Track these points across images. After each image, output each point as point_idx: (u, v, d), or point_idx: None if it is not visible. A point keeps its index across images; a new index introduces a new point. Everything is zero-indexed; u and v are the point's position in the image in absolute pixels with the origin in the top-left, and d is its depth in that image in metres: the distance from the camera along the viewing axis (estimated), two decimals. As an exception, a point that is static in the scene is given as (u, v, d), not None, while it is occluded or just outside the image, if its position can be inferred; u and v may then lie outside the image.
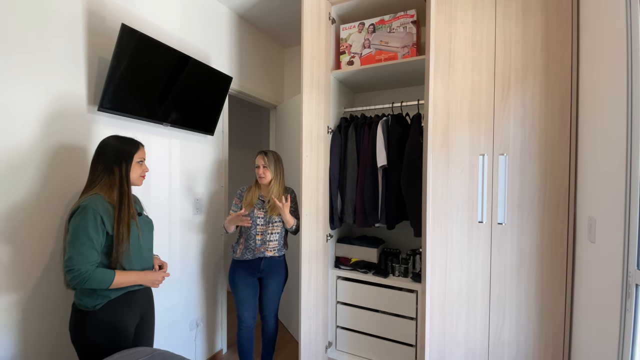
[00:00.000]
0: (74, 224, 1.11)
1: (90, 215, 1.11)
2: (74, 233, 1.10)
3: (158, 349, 1.18)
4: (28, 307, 1.28)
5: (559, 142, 1.56)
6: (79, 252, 1.08)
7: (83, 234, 1.09)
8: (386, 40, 2.03)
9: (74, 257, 1.08)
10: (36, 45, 1.29)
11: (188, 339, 2.06)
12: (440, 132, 1.80)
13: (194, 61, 1.81)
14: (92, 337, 1.16)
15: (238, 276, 1.88)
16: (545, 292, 1.59)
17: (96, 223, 1.11)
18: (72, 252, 1.09)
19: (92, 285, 1.10)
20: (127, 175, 1.23)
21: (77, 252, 1.08)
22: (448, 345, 1.79)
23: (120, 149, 1.23)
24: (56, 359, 1.37)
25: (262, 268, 1.89)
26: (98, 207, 1.13)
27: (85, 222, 1.10)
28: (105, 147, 1.23)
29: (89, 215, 1.11)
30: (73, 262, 1.08)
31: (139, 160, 1.28)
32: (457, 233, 1.76)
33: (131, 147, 1.26)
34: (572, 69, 1.53)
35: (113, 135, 1.28)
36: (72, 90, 1.42)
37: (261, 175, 1.88)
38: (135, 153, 1.26)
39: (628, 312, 1.06)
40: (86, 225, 1.10)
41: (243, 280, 1.87)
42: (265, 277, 1.91)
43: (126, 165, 1.23)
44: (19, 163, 1.25)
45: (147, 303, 1.35)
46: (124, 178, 1.21)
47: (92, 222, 1.11)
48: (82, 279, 1.08)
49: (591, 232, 1.33)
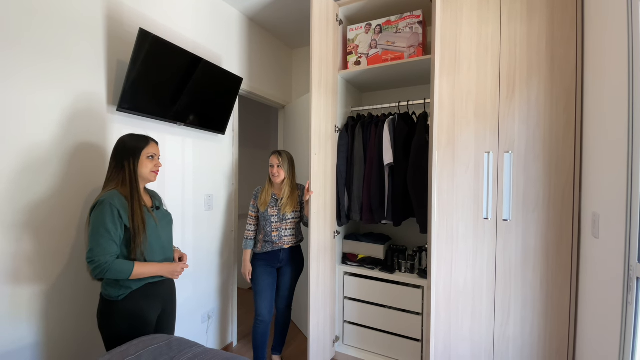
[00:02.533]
0: (94, 218, 1.18)
1: (107, 209, 1.17)
2: (94, 226, 1.17)
3: (175, 336, 1.24)
4: (51, 297, 1.36)
5: (564, 140, 1.58)
6: (98, 244, 1.15)
7: (102, 227, 1.16)
8: (393, 40, 2.07)
9: (94, 249, 1.15)
10: (61, 50, 1.37)
11: (200, 331, 2.14)
12: (446, 130, 1.83)
13: (206, 63, 1.88)
14: (117, 325, 1.23)
15: (258, 266, 1.99)
16: (550, 287, 1.61)
17: (113, 216, 1.18)
18: (92, 244, 1.16)
19: (112, 276, 1.17)
20: (134, 170, 1.28)
21: (97, 244, 1.15)
22: (454, 340, 1.82)
23: (129, 145, 1.29)
24: (78, 347, 1.45)
25: (281, 258, 2.00)
26: (115, 202, 1.20)
27: (103, 216, 1.17)
28: (118, 145, 1.30)
29: (106, 209, 1.17)
30: (93, 254, 1.15)
31: (149, 156, 1.32)
32: (463, 229, 1.79)
33: (140, 143, 1.31)
34: (577, 68, 1.55)
35: (128, 134, 1.35)
36: (93, 91, 1.50)
37: (275, 174, 1.97)
38: (143, 148, 1.30)
39: (629, 305, 1.09)
40: (104, 219, 1.17)
41: (262, 270, 1.98)
42: (284, 266, 2.03)
43: (133, 160, 1.28)
44: (43, 159, 1.33)
45: (169, 295, 1.42)
46: (132, 173, 1.27)
47: (109, 215, 1.17)
48: (102, 270, 1.14)
49: (595, 227, 1.36)
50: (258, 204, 2.01)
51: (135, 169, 1.28)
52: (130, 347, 1.12)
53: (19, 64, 1.25)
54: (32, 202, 1.30)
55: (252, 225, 2.05)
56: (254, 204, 2.04)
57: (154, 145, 1.36)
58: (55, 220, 1.37)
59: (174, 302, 1.45)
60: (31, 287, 1.30)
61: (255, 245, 2.03)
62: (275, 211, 1.97)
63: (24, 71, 1.26)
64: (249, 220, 2.05)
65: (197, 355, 1.11)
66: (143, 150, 1.30)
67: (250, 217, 2.05)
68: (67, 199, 1.41)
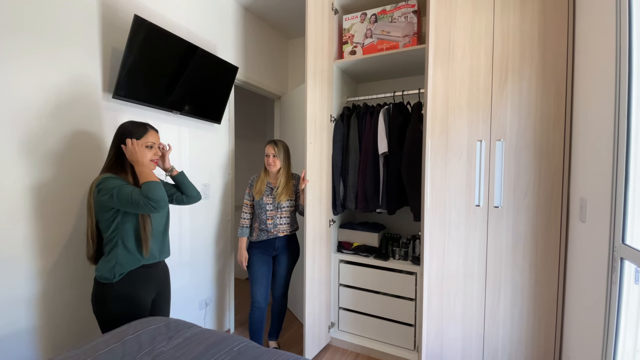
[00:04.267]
0: (106, 189, 1.19)
1: (113, 180, 1.22)
2: (113, 190, 1.19)
3: (173, 318, 1.27)
4: (50, 280, 1.38)
5: (554, 127, 1.62)
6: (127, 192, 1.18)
7: (119, 184, 1.21)
8: (388, 30, 2.09)
9: (131, 196, 1.17)
10: (55, 36, 1.37)
11: (198, 317, 2.17)
12: (439, 119, 1.86)
13: (201, 51, 1.88)
14: (112, 307, 1.25)
15: (254, 254, 2.02)
16: (540, 270, 1.66)
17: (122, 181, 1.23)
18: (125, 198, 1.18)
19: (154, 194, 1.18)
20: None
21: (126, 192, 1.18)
22: (446, 324, 1.87)
23: (127, 132, 1.30)
24: (75, 331, 1.47)
25: (277, 246, 2.03)
26: (117, 178, 1.24)
27: (115, 181, 1.22)
28: (118, 131, 1.32)
29: (111, 179, 1.22)
30: (134, 198, 1.17)
31: (148, 145, 1.33)
32: (455, 217, 1.83)
33: (138, 132, 1.32)
34: (568, 57, 1.58)
35: (129, 121, 1.36)
36: (88, 78, 1.50)
37: (271, 163, 1.99)
38: (140, 137, 1.31)
39: (613, 284, 1.13)
40: (117, 183, 1.21)
41: (258, 257, 2.01)
42: (279, 254, 2.06)
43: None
44: (39, 145, 1.33)
45: (163, 279, 1.44)
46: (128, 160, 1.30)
47: (118, 181, 1.22)
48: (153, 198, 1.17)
49: (582, 212, 1.40)
50: (253, 193, 2.03)
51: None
52: (129, 328, 1.15)
53: (13, 50, 1.24)
54: (29, 188, 1.31)
55: (248, 214, 2.07)
56: (249, 193, 2.06)
57: (153, 133, 1.36)
58: (52, 206, 1.38)
59: (168, 285, 1.48)
60: (28, 271, 1.32)
61: (250, 233, 2.06)
62: (270, 199, 1.99)
63: (17, 57, 1.26)
64: (244, 209, 2.07)
65: (195, 334, 1.14)
66: (141, 139, 1.31)
67: (245, 206, 2.07)
68: (64, 186, 1.42)
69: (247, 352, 1.04)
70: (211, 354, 1.02)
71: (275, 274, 2.09)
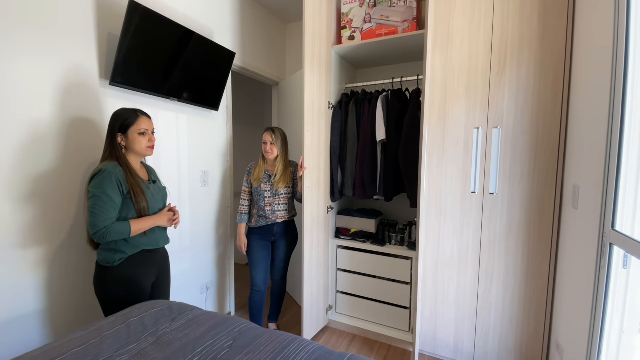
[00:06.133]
0: (94, 186, 1.22)
1: (107, 177, 1.21)
2: (94, 194, 1.21)
3: (175, 301, 1.31)
4: (54, 264, 1.41)
5: (551, 114, 1.62)
6: (98, 211, 1.20)
7: (102, 194, 1.20)
8: (387, 14, 2.06)
9: (94, 215, 1.20)
10: (49, 21, 1.35)
11: (199, 301, 2.23)
12: (437, 106, 1.86)
13: (198, 36, 1.86)
14: (113, 290, 1.29)
15: (253, 240, 2.07)
16: (532, 256, 1.70)
17: (113, 184, 1.22)
18: (92, 210, 1.20)
19: (113, 237, 1.22)
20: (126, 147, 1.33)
21: (97, 210, 1.20)
22: (440, 307, 1.93)
23: (119, 121, 1.31)
24: (80, 313, 1.52)
25: (275, 232, 2.08)
26: (116, 170, 1.24)
27: (103, 183, 1.21)
28: (111, 119, 1.33)
29: (106, 177, 1.21)
30: (93, 220, 1.19)
31: (140, 132, 1.33)
32: (451, 203, 1.86)
33: (129, 119, 1.32)
34: (567, 42, 1.57)
35: (120, 108, 1.36)
36: (84, 65, 1.48)
37: (268, 151, 2.01)
38: (131, 125, 1.31)
39: (602, 269, 1.17)
40: (104, 187, 1.21)
41: (257, 242, 2.06)
42: (278, 240, 2.12)
43: (123, 137, 1.32)
44: (42, 133, 1.34)
45: (163, 263, 1.48)
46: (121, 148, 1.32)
47: (109, 183, 1.21)
48: (102, 235, 1.20)
49: (575, 198, 1.43)
50: (251, 180, 2.06)
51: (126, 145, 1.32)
52: (134, 310, 1.19)
53: (7, 36, 1.23)
54: (34, 176, 1.32)
55: (246, 200, 2.11)
56: (247, 180, 2.09)
57: (145, 119, 1.36)
58: (56, 193, 1.40)
59: (167, 270, 1.51)
60: (36, 256, 1.35)
61: (250, 219, 2.10)
62: (268, 187, 2.02)
63: (12, 44, 1.24)
64: (242, 196, 2.11)
65: (197, 316, 1.18)
66: (131, 127, 1.32)
67: (243, 192, 2.11)
68: (67, 172, 1.43)
69: (247, 333, 1.09)
70: (213, 335, 1.06)
71: (274, 258, 2.15)
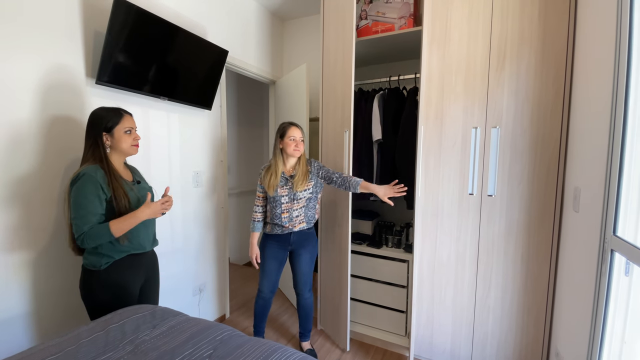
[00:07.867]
0: (75, 191, 1.18)
1: (87, 181, 1.18)
2: (75, 199, 1.17)
3: (160, 306, 1.27)
4: (38, 266, 1.38)
5: (552, 113, 1.56)
6: (79, 216, 1.16)
7: (83, 199, 1.17)
8: (383, 11, 2.00)
9: (75, 220, 1.17)
10: (32, 18, 1.31)
11: (192, 303, 2.19)
12: (434, 105, 1.81)
13: (188, 34, 1.81)
14: (99, 294, 1.26)
15: (268, 248, 1.89)
16: (532, 260, 1.64)
17: (95, 188, 1.18)
18: (74, 215, 1.17)
19: (93, 242, 1.17)
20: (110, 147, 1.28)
21: (78, 215, 1.16)
22: (437, 311, 1.88)
23: (102, 121, 1.26)
24: (67, 316, 1.48)
25: (292, 241, 1.87)
26: (97, 174, 1.20)
27: (84, 188, 1.17)
28: (91, 120, 1.28)
29: (86, 182, 1.18)
30: (75, 224, 1.16)
31: (126, 130, 1.30)
32: (448, 205, 1.80)
33: (114, 118, 1.28)
34: (569, 39, 1.51)
35: (99, 107, 1.31)
36: (69, 63, 1.45)
37: (298, 148, 1.80)
38: (117, 124, 1.27)
39: (603, 275, 1.12)
40: (85, 192, 1.17)
41: (273, 253, 1.88)
42: (297, 249, 1.90)
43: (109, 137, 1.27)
44: (23, 133, 1.31)
45: (151, 266, 1.44)
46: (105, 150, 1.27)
47: (90, 187, 1.17)
48: (81, 241, 1.17)
49: (576, 201, 1.37)
50: (265, 187, 1.82)
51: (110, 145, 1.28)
52: (115, 316, 1.16)
53: (-12, 32, 1.20)
54: (15, 177, 1.29)
55: (260, 207, 1.90)
56: (261, 184, 1.87)
57: (129, 118, 1.33)
58: (38, 194, 1.36)
59: (156, 273, 1.48)
60: (19, 256, 1.32)
61: (265, 225, 1.93)
62: (285, 191, 1.81)
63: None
64: (256, 202, 1.90)
65: (180, 323, 1.14)
66: (117, 126, 1.28)
67: (257, 198, 1.90)
68: (49, 174, 1.40)
69: (229, 341, 1.04)
70: (193, 343, 1.02)
71: (295, 271, 1.95)
